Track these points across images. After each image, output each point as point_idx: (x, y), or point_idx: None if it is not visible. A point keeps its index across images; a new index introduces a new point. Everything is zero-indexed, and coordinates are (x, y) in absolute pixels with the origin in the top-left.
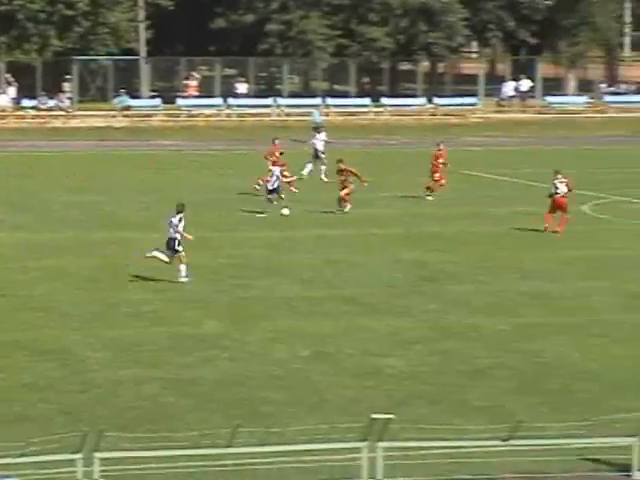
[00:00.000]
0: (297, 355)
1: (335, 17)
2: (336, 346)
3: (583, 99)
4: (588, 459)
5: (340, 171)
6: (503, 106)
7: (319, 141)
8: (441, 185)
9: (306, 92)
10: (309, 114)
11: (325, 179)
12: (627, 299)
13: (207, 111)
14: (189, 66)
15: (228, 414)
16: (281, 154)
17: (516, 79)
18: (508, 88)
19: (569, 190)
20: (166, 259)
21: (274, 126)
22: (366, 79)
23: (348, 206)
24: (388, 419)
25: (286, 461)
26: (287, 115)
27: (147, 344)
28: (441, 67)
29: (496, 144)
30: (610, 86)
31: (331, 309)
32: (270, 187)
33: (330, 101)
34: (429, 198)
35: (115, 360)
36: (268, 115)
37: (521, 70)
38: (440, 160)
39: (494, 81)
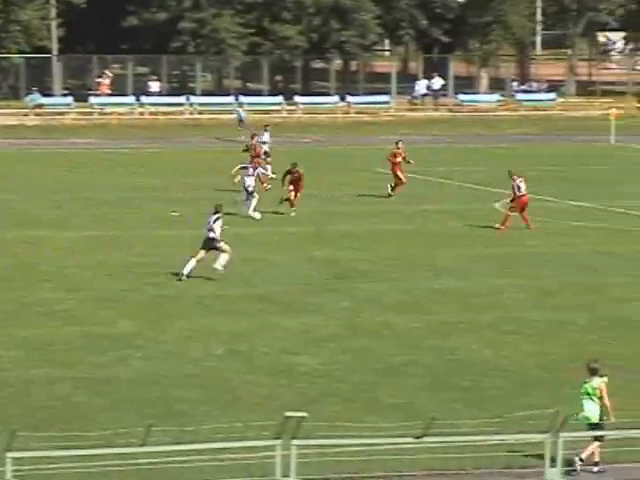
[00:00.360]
0: (211, 353)
1: (248, 15)
2: (250, 344)
3: (495, 97)
4: (501, 455)
5: (291, 173)
6: (415, 104)
7: (264, 142)
8: (403, 183)
9: (219, 90)
10: (221, 112)
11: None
12: (539, 296)
13: (120, 109)
14: (101, 64)
15: (142, 413)
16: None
17: (428, 77)
18: (420, 86)
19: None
20: (199, 257)
21: (187, 124)
22: (279, 77)
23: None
24: (301, 417)
25: (200, 459)
26: (200, 113)
27: (60, 343)
28: (354, 65)
29: (408, 142)
30: (522, 84)
31: (246, 307)
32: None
33: (243, 99)
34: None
35: (27, 359)
36: (181, 113)
37: (433, 68)
38: (398, 159)
39: (406, 79)
